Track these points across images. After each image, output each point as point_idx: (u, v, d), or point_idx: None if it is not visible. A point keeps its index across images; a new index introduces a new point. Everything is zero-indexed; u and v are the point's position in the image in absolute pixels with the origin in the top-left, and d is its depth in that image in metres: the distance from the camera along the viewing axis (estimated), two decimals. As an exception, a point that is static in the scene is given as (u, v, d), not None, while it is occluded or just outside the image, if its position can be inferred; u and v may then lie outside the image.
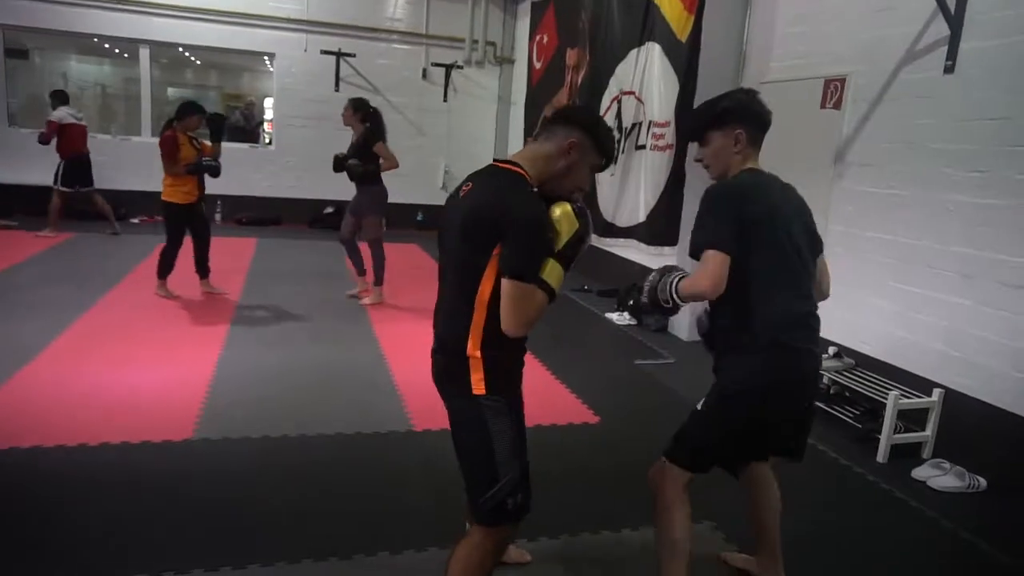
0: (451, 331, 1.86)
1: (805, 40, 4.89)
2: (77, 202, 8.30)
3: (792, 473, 2.69)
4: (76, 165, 8.08)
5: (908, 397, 3.71)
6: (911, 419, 3.76)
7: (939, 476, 3.40)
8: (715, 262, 1.97)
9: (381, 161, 5.87)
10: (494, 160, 1.92)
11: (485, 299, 1.78)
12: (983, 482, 3.37)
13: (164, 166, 5.53)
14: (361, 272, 6.22)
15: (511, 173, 1.84)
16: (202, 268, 5.92)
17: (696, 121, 2.24)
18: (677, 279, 2.09)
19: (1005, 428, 3.40)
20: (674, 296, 2.08)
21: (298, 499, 2.88)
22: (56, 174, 8.02)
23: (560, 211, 1.81)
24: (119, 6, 9.07)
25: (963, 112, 3.70)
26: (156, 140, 9.56)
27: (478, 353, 1.80)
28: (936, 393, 3.70)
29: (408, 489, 3.03)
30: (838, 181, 4.52)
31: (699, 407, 2.18)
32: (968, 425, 3.60)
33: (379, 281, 6.07)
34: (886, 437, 3.61)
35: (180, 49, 10.31)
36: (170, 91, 12.02)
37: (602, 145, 1.93)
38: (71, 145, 8.04)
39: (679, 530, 2.15)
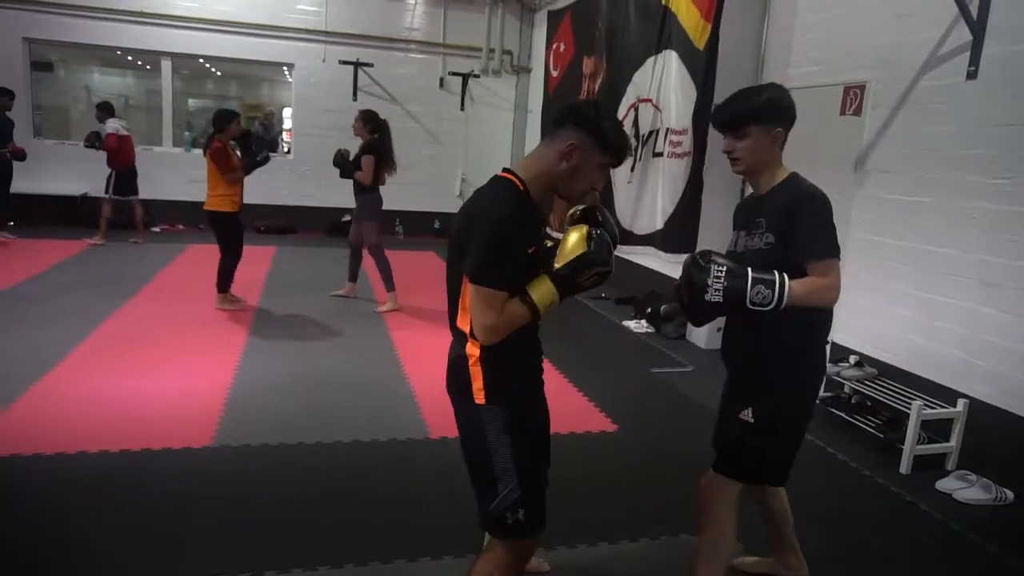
0: (454, 340, 1.88)
1: (823, 47, 4.86)
2: (118, 212, 8.50)
3: (815, 484, 2.66)
4: (126, 175, 8.35)
5: (931, 407, 3.65)
6: (934, 429, 3.70)
7: (965, 488, 3.34)
8: (838, 273, 2.00)
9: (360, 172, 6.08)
10: (502, 170, 1.91)
11: (467, 310, 1.79)
12: (1010, 495, 3.30)
13: (221, 176, 5.55)
14: (351, 278, 6.43)
15: (499, 179, 1.84)
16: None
17: (735, 110, 2.11)
18: (788, 284, 1.95)
19: (1032, 439, 3.33)
20: (783, 300, 1.95)
21: (315, 506, 2.89)
22: (108, 184, 8.27)
23: (573, 233, 1.78)
24: (142, 19, 9.22)
25: (986, 118, 3.65)
26: (179, 151, 9.86)
27: (477, 362, 1.79)
28: (961, 403, 3.64)
29: (424, 497, 3.03)
30: (858, 188, 4.47)
31: (750, 419, 2.11)
32: (994, 436, 3.53)
33: (390, 287, 6.14)
34: (909, 448, 3.55)
35: (201, 60, 10.45)
36: (191, 102, 12.19)
37: (606, 142, 1.82)
38: (123, 156, 8.30)
39: (729, 545, 2.18)
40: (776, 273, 1.97)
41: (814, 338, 2.14)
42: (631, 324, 6.23)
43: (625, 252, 7.42)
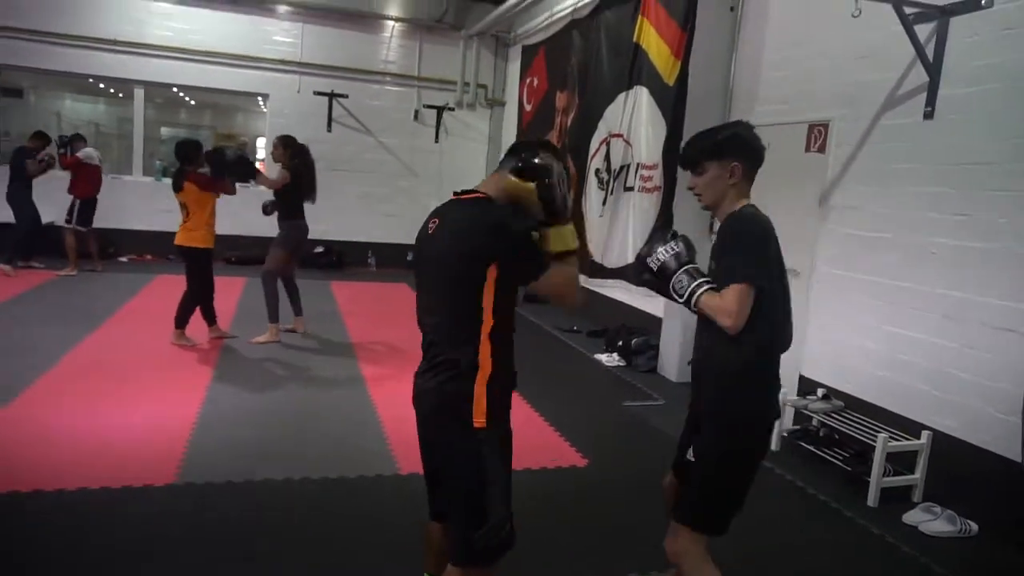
0: (447, 363, 1.82)
1: (789, 85, 4.99)
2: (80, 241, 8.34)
3: (784, 517, 2.66)
4: (91, 205, 8.21)
5: (896, 439, 3.70)
6: (900, 462, 3.75)
7: (930, 521, 3.37)
8: (740, 299, 2.00)
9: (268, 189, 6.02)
10: (453, 194, 1.94)
11: (485, 329, 1.79)
12: (974, 527, 3.34)
13: (211, 209, 5.51)
14: (296, 312, 6.21)
15: (475, 199, 1.87)
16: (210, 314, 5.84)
17: (693, 149, 2.21)
18: (703, 290, 2.06)
19: (993, 470, 3.38)
20: (693, 302, 2.07)
21: (281, 546, 2.82)
22: (71, 213, 8.11)
23: (511, 188, 1.86)
24: (115, 47, 9.18)
25: (944, 157, 3.77)
26: (149, 180, 9.76)
27: (483, 386, 1.78)
28: (924, 435, 3.69)
29: (393, 534, 2.98)
30: (823, 223, 4.57)
31: (691, 458, 2.15)
32: (958, 467, 3.58)
33: (272, 318, 5.92)
34: (876, 480, 3.59)
35: (175, 89, 10.41)
36: (163, 130, 12.11)
37: (536, 179, 1.90)
38: (90, 186, 8.17)
39: None
40: (706, 278, 2.10)
41: (754, 372, 2.10)
42: (602, 357, 6.25)
43: (596, 285, 7.46)
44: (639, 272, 2.26)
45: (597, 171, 7.57)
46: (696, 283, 2.08)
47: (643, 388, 5.43)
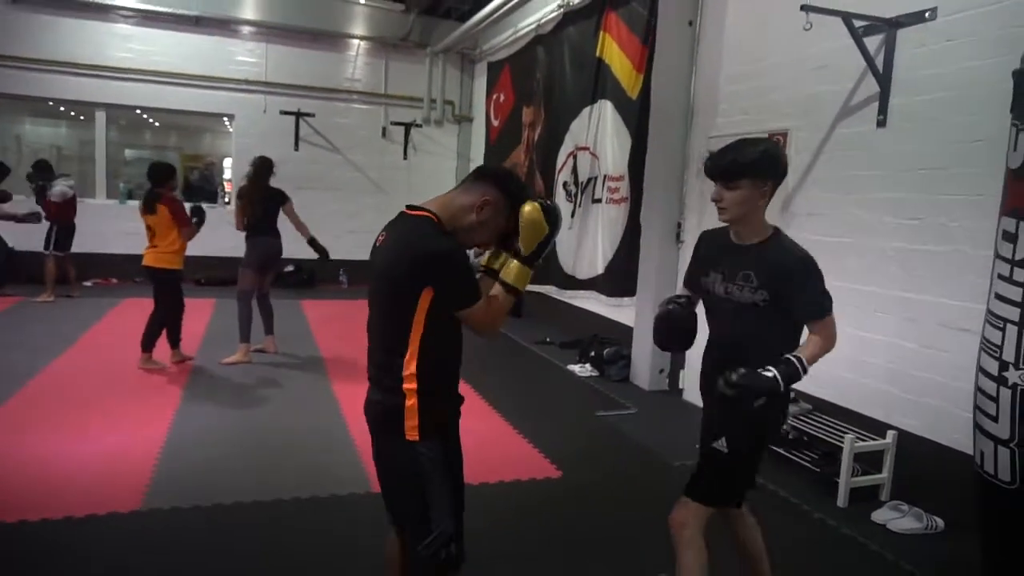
0: (385, 377, 1.86)
1: (748, 96, 5.10)
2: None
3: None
4: (68, 231, 8.11)
5: (863, 440, 3.77)
6: (868, 462, 3.82)
7: (898, 518, 3.44)
8: (834, 322, 2.18)
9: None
10: (405, 207, 1.94)
11: (417, 345, 1.80)
12: (941, 523, 3.41)
13: (180, 229, 5.45)
14: (267, 331, 6.17)
15: (420, 219, 1.87)
16: (175, 336, 5.71)
17: (727, 162, 2.16)
18: (802, 361, 2.14)
19: (956, 467, 3.45)
20: (805, 370, 2.16)
21: (250, 569, 2.79)
22: (48, 240, 8.00)
23: (530, 212, 1.86)
24: (75, 70, 9.07)
25: (897, 163, 3.88)
26: (113, 202, 9.62)
27: (414, 399, 1.81)
28: (890, 435, 3.77)
29: (367, 552, 2.95)
30: (787, 230, 4.53)
31: (724, 448, 2.23)
32: (922, 465, 3.66)
33: (242, 338, 5.87)
34: (844, 480, 3.65)
35: (138, 111, 10.30)
36: (128, 152, 11.95)
37: (512, 211, 1.92)
38: (67, 214, 8.08)
39: (703, 567, 2.24)
40: (791, 358, 2.13)
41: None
42: (575, 368, 6.28)
43: (568, 296, 7.52)
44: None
45: (565, 184, 7.65)
46: (797, 362, 2.13)
47: (616, 398, 5.47)
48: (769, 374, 2.07)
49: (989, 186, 3.18)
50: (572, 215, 7.36)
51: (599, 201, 6.89)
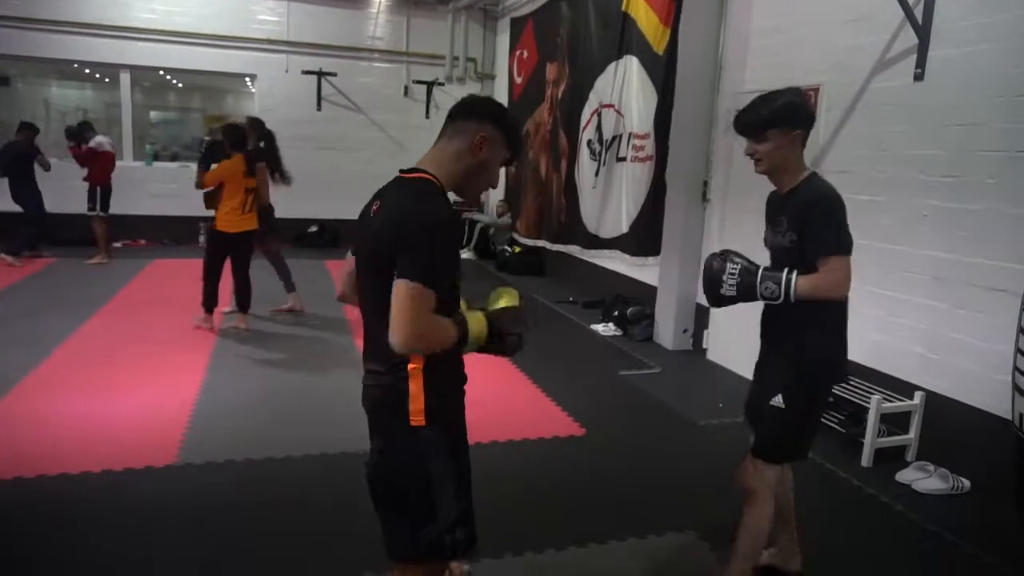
0: (384, 357, 1.67)
1: (778, 51, 4.96)
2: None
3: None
4: (108, 192, 8.17)
5: (890, 401, 3.74)
6: (894, 423, 3.79)
7: (923, 479, 3.43)
8: (845, 267, 2.14)
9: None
10: (400, 171, 1.77)
11: None
12: (967, 483, 3.39)
13: (258, 195, 5.46)
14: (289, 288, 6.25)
15: (417, 181, 1.69)
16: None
17: (755, 116, 2.22)
18: (795, 281, 2.14)
19: (985, 428, 3.43)
20: (790, 294, 2.15)
21: (280, 522, 2.87)
22: (94, 201, 8.05)
23: (505, 292, 1.80)
24: (100, 32, 9.07)
25: (934, 119, 3.76)
26: (140, 164, 9.70)
27: (417, 381, 1.65)
28: (918, 396, 3.73)
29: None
30: (815, 188, 4.55)
31: (781, 405, 2.26)
32: (950, 427, 3.63)
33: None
34: (870, 441, 3.64)
35: (161, 72, 10.31)
36: (152, 114, 12.00)
37: (511, 138, 1.78)
38: (107, 172, 8.13)
39: (768, 523, 2.35)
40: (785, 271, 2.16)
41: (837, 314, 2.27)
42: (599, 328, 6.28)
43: (591, 256, 7.48)
44: (718, 301, 2.31)
45: (589, 142, 7.55)
46: (785, 280, 2.14)
47: (639, 357, 5.47)
48: (734, 277, 2.21)
49: (1029, 142, 3.07)
50: (596, 174, 7.28)
51: (624, 159, 6.80)
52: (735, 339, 5.21)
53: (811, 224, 2.16)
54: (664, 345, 5.80)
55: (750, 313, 2.49)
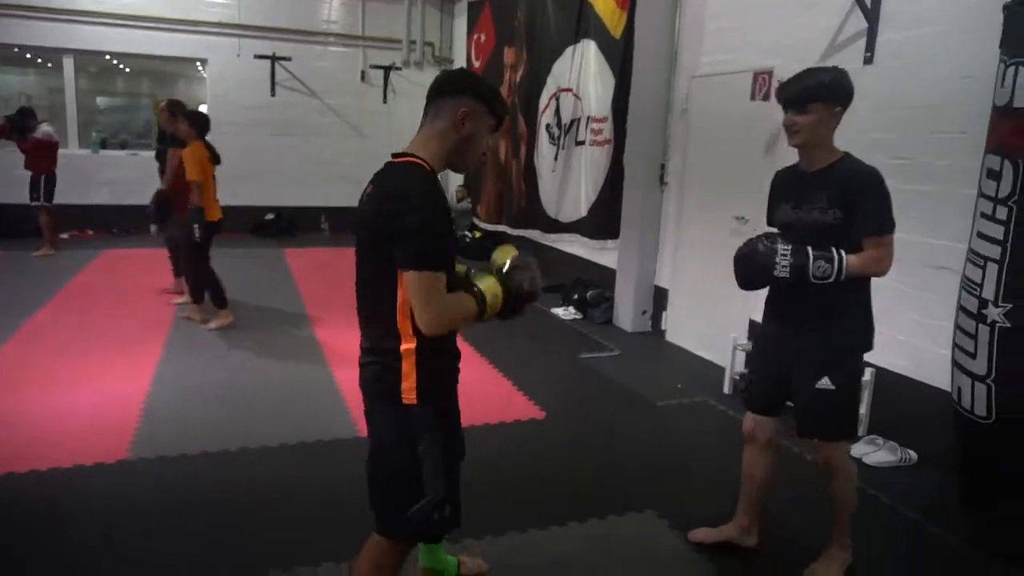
0: (378, 338, 1.75)
1: (733, 35, 4.99)
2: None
3: (737, 457, 2.76)
4: (52, 181, 7.86)
5: (842, 378, 3.82)
6: (846, 399, 3.88)
7: (873, 452, 3.53)
8: (892, 245, 2.24)
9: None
10: (392, 156, 1.80)
11: (407, 304, 1.67)
12: (914, 455, 3.50)
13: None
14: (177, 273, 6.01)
15: (405, 165, 1.73)
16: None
17: (800, 88, 2.28)
18: (845, 260, 2.19)
19: (931, 402, 3.53)
20: (842, 273, 2.19)
21: (235, 515, 2.82)
22: (38, 191, 7.74)
23: (502, 249, 1.83)
24: (41, 15, 8.71)
25: (884, 102, 3.83)
26: (86, 152, 9.39)
27: (410, 360, 1.70)
28: (869, 373, 3.82)
29: (356, 497, 2.98)
30: (770, 170, 4.60)
31: (831, 387, 2.33)
32: (899, 401, 3.73)
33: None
34: (823, 418, 3.72)
35: (108, 57, 9.97)
36: (100, 100, 11.61)
37: (493, 105, 1.81)
38: (51, 161, 7.83)
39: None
40: (834, 249, 2.20)
41: (868, 293, 2.38)
42: (559, 311, 6.30)
43: (551, 240, 7.50)
44: (763, 281, 2.34)
45: (548, 126, 7.53)
46: (837, 260, 2.19)
47: (599, 340, 5.51)
48: (786, 259, 2.21)
49: (975, 124, 3.15)
50: (555, 158, 7.28)
51: (582, 143, 6.81)
52: (693, 320, 5.28)
53: (864, 202, 2.22)
54: (623, 327, 5.85)
55: (706, 294, 2.52)
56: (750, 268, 2.34)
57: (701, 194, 5.20)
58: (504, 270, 1.85)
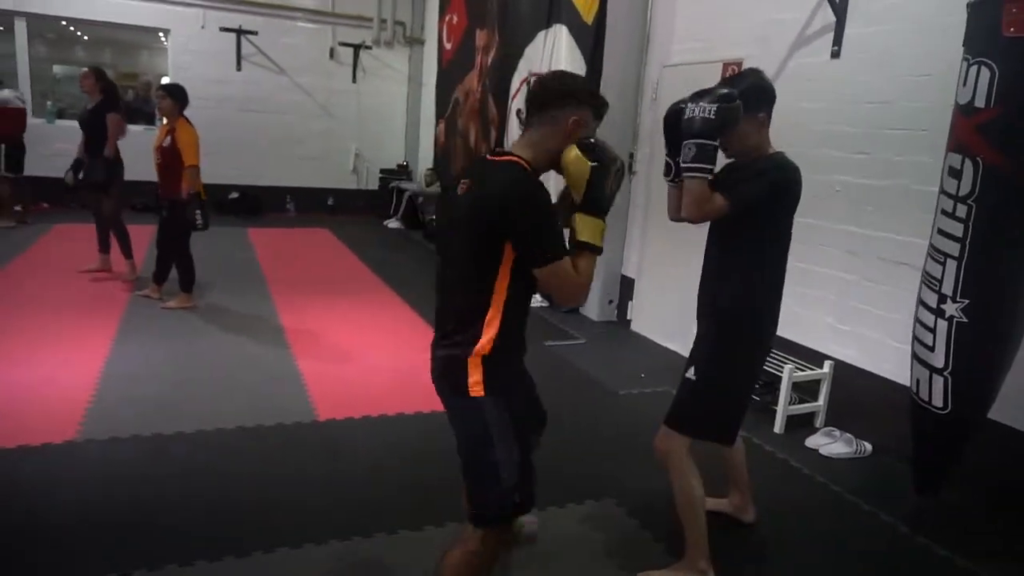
0: (457, 333, 1.79)
1: (704, 24, 4.99)
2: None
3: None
4: (19, 150, 7.52)
5: (802, 370, 3.88)
6: (805, 391, 3.94)
7: (829, 444, 3.59)
8: (724, 211, 2.18)
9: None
10: (487, 154, 1.86)
11: (502, 298, 1.74)
12: (868, 447, 3.57)
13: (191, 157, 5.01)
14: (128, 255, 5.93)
15: (507, 164, 1.77)
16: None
17: None
18: (698, 175, 2.16)
19: (887, 395, 3.60)
20: (681, 175, 2.21)
21: (191, 498, 2.76)
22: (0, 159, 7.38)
23: (570, 159, 1.76)
24: (-9, -25, 8.38)
25: (848, 96, 3.87)
26: (40, 122, 9.07)
27: (486, 354, 1.76)
28: (827, 365, 3.89)
29: (313, 481, 2.95)
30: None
31: (692, 377, 2.35)
32: (856, 394, 3.80)
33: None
34: (782, 408, 3.77)
35: (64, 23, 9.62)
36: (57, 69, 11.21)
37: (599, 109, 1.87)
38: (14, 128, 7.48)
39: (696, 489, 2.40)
40: (711, 167, 2.18)
41: (758, 304, 2.34)
42: (526, 298, 6.28)
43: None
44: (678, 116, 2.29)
45: (518, 112, 7.45)
46: (698, 164, 2.14)
47: (565, 328, 5.51)
48: (698, 112, 2.20)
49: (935, 121, 3.19)
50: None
51: (553, 130, 6.76)
52: (659, 310, 5.30)
53: (739, 176, 2.29)
54: (590, 316, 5.85)
55: (672, 285, 2.52)
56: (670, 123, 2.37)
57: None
58: (586, 192, 1.77)
